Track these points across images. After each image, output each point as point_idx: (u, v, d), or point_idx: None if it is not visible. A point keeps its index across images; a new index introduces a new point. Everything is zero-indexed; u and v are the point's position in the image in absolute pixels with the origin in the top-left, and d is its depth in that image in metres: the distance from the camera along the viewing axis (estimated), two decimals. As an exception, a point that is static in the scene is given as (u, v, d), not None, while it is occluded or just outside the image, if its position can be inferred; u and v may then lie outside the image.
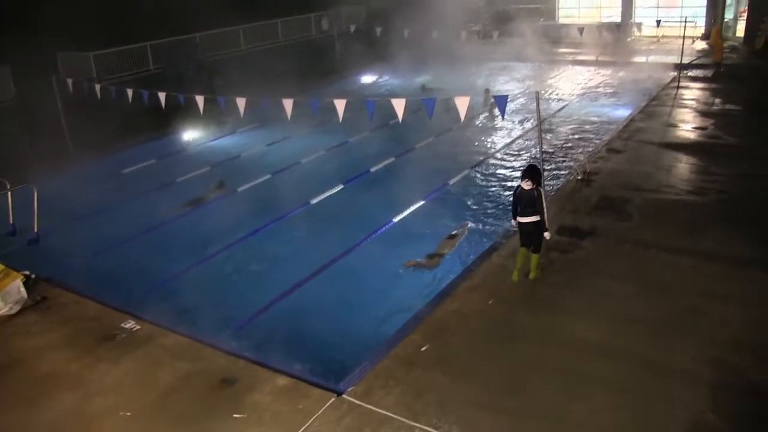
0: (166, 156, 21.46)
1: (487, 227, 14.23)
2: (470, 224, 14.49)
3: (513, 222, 11.35)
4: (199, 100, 15.59)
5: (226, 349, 9.60)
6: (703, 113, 20.99)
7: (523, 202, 10.60)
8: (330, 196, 16.74)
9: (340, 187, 17.17)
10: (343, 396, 8.30)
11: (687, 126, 19.60)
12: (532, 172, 10.57)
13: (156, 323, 10.43)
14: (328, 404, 8.16)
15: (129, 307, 11.00)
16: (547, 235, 10.83)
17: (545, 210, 10.69)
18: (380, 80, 33.15)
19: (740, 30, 34.10)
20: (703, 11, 36.11)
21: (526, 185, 10.50)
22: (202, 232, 14.81)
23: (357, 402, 8.18)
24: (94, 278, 12.57)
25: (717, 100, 22.50)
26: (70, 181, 18.23)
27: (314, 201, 16.38)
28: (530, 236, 10.81)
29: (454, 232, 14.09)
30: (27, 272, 11.78)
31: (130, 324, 10.44)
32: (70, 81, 19.71)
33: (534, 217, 10.60)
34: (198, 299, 11.79)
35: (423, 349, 9.22)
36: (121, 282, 12.44)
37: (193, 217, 16.01)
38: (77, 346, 9.96)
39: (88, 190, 17.47)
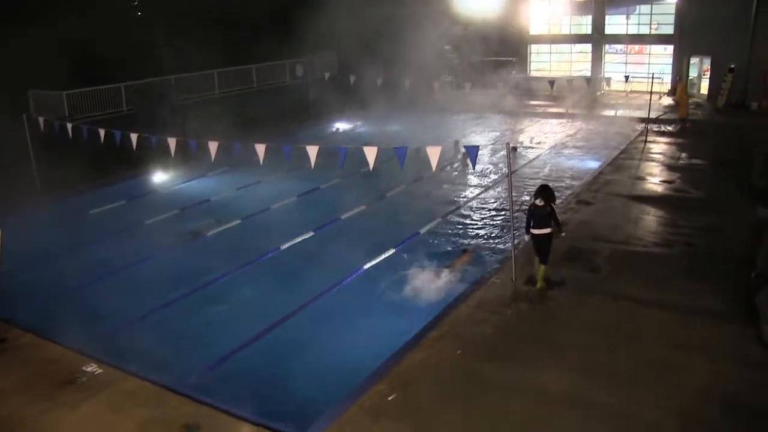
0: (136, 197, 21.29)
1: (460, 274, 14.17)
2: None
3: (526, 236, 13.05)
4: (171, 142, 15.54)
5: (189, 395, 9.38)
6: (669, 167, 21.45)
7: (536, 217, 12.21)
8: (300, 242, 16.61)
9: (311, 234, 17.08)
10: (308, 445, 8.14)
11: (654, 179, 19.99)
12: (544, 191, 12.20)
13: (118, 367, 10.19)
14: (292, 453, 7.99)
15: (91, 350, 10.73)
16: (563, 234, 13.01)
17: (559, 219, 12.50)
18: (352, 127, 33.36)
19: (704, 87, 35.14)
20: (669, 68, 37.14)
21: (539, 202, 12.09)
22: (167, 276, 14.57)
23: (322, 452, 8.02)
24: (56, 320, 12.26)
25: (683, 155, 23.04)
26: (36, 220, 17.92)
27: (284, 247, 16.25)
28: (541, 246, 12.26)
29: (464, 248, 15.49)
30: (-15, 313, 11.50)
31: (91, 367, 10.20)
32: (41, 119, 19.57)
33: (545, 229, 12.17)
34: (162, 343, 11.59)
35: (390, 398, 9.10)
36: (84, 324, 12.13)
37: (159, 261, 15.75)
38: (35, 389, 9.68)
39: (54, 230, 17.23)
